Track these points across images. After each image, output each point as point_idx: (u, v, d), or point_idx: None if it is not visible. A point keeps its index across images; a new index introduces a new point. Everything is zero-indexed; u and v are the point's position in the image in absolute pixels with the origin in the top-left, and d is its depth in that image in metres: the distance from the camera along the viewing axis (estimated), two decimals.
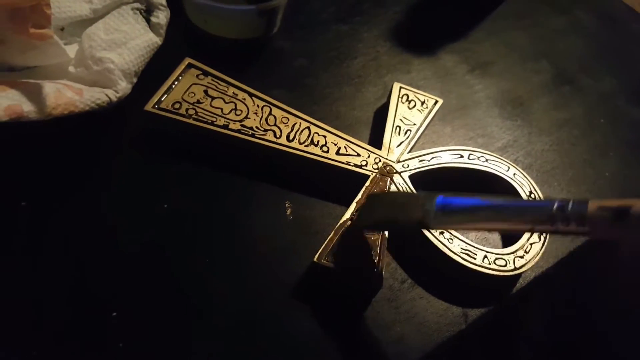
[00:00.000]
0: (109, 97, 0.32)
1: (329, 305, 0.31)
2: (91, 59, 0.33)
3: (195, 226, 0.32)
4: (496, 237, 0.36)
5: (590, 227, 0.23)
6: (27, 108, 0.27)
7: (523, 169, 0.37)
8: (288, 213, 0.34)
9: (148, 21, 0.35)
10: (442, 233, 0.32)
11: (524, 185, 0.36)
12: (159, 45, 0.36)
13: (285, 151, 0.34)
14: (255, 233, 0.33)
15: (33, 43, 0.31)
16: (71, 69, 0.33)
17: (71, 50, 0.34)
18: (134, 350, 0.27)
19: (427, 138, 0.40)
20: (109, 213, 0.32)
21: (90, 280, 0.29)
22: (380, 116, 0.39)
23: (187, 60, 0.36)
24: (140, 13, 0.35)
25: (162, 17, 0.36)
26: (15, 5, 0.28)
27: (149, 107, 0.34)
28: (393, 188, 0.34)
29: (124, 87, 0.33)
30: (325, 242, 0.31)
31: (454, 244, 0.32)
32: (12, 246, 0.29)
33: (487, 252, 0.32)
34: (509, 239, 0.35)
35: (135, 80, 0.34)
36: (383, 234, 0.32)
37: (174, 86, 0.35)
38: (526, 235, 0.34)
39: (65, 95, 0.29)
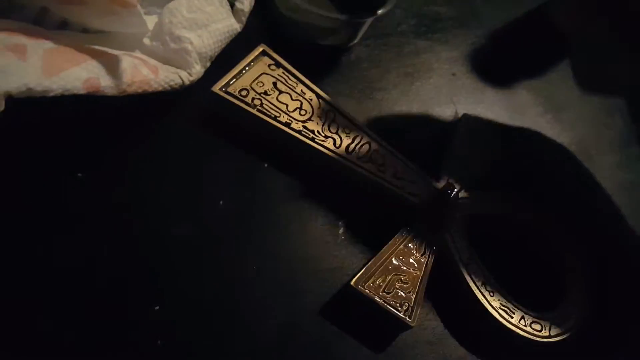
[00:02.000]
0: (182, 80, 0.31)
1: (360, 331, 0.30)
2: (169, 35, 0.32)
3: (248, 230, 0.32)
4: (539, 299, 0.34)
5: None
6: (104, 83, 0.26)
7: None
8: (340, 232, 0.33)
9: (232, 5, 0.35)
10: (484, 284, 0.31)
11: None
12: (238, 32, 0.35)
13: (341, 162, 0.34)
14: (305, 248, 0.32)
15: (114, 8, 0.30)
16: (146, 41, 0.33)
17: (149, 21, 0.33)
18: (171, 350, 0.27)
19: None
20: (159, 197, 0.31)
21: (130, 266, 0.29)
22: (444, 144, 0.38)
23: (262, 47, 0.36)
24: None
25: (246, 4, 0.35)
26: None
27: (216, 88, 0.33)
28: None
29: (198, 70, 0.32)
30: (364, 269, 0.30)
31: (494, 298, 0.31)
32: (62, 216, 0.29)
33: (525, 313, 0.31)
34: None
35: (208, 64, 0.34)
36: (425, 273, 0.31)
37: (244, 72, 0.35)
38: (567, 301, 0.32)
39: (141, 72, 0.29)
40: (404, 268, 0.31)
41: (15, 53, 0.24)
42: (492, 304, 0.31)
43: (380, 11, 0.37)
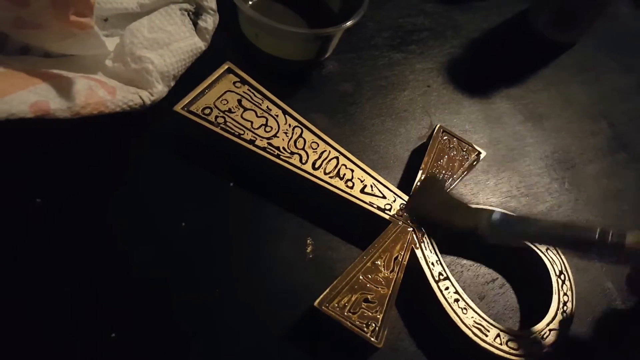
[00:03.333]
0: (143, 100, 0.31)
1: (328, 354, 0.29)
2: (130, 56, 0.32)
3: (211, 251, 0.31)
4: (517, 315, 0.33)
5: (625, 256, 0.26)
6: (54, 105, 0.26)
7: None
8: (308, 251, 0.32)
9: (195, 24, 0.34)
10: (457, 301, 0.30)
11: (555, 262, 0.33)
12: (203, 51, 0.35)
13: (307, 179, 0.33)
14: (272, 268, 0.31)
15: (72, 31, 0.30)
16: (108, 62, 0.33)
17: (111, 43, 0.33)
18: None
19: (467, 188, 0.38)
20: (120, 220, 0.30)
21: (92, 292, 0.28)
22: (419, 157, 0.37)
23: (227, 65, 0.35)
24: (188, 15, 0.34)
25: (210, 22, 0.34)
26: None
27: (178, 107, 0.33)
28: (409, 238, 0.32)
29: (159, 90, 0.32)
30: (329, 289, 0.29)
31: (467, 315, 0.30)
32: (20, 242, 0.29)
33: (500, 330, 0.30)
34: (529, 319, 0.32)
35: (172, 84, 0.33)
36: (393, 290, 0.30)
37: (207, 90, 0.34)
38: (546, 320, 0.31)
39: (96, 94, 0.28)
40: (371, 286, 0.30)
41: None
42: (465, 321, 0.30)
43: (347, 24, 0.36)
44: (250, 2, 0.41)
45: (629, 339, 0.34)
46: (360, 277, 0.30)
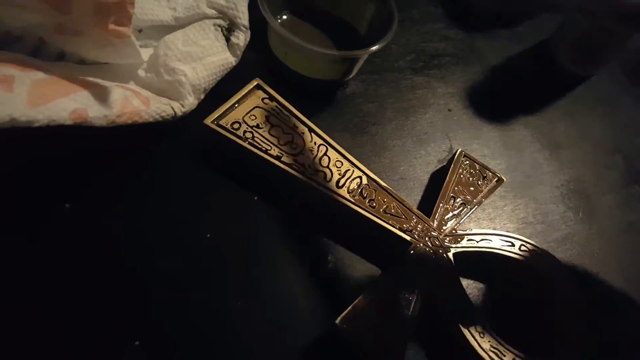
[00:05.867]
0: (174, 111, 0.31)
1: None
2: (164, 67, 0.32)
3: (233, 263, 0.31)
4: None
5: None
6: (92, 113, 0.27)
7: (575, 269, 0.35)
8: (329, 268, 0.32)
9: (227, 40, 0.35)
10: (472, 325, 0.30)
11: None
12: (233, 66, 0.35)
13: (331, 196, 0.33)
14: (292, 284, 0.31)
15: (110, 39, 0.30)
16: (141, 72, 0.33)
17: (145, 53, 0.34)
18: None
19: (484, 212, 0.38)
20: (147, 229, 0.31)
21: (115, 299, 0.28)
22: (439, 180, 0.38)
23: (256, 81, 0.36)
24: (222, 30, 0.35)
25: (242, 38, 0.35)
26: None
27: (208, 121, 0.34)
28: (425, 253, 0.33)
29: (190, 102, 0.32)
30: (350, 307, 0.29)
31: (484, 339, 0.30)
32: (46, 245, 0.29)
33: (516, 355, 0.30)
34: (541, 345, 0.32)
35: (202, 96, 0.34)
36: (413, 313, 0.30)
37: (237, 105, 0.35)
38: None
39: (131, 103, 0.29)
40: (392, 308, 0.30)
41: (2, 84, 0.24)
42: (482, 345, 0.30)
43: (374, 47, 0.37)
44: (279, 20, 0.42)
45: None
46: (382, 298, 0.30)
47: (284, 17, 0.42)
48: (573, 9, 0.47)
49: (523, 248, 0.34)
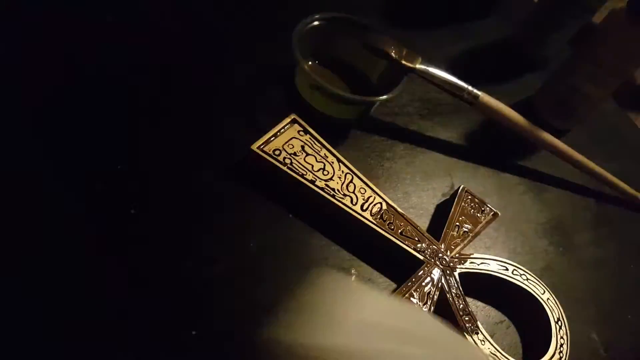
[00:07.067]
0: None
1: None
2: None
3: (270, 271, 0.36)
4: (519, 352, 0.39)
5: None
6: None
7: (556, 294, 0.41)
8: (353, 279, 0.38)
9: None
10: (476, 333, 0.36)
11: (554, 310, 0.40)
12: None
13: (356, 218, 0.39)
14: (319, 291, 0.36)
15: None
16: None
17: None
18: None
19: (481, 242, 0.44)
20: (199, 237, 0.36)
21: (164, 300, 0.33)
22: (442, 210, 0.44)
23: (293, 116, 0.42)
24: None
25: None
26: None
27: (254, 146, 0.39)
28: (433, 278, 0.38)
29: None
30: None
31: (485, 346, 0.36)
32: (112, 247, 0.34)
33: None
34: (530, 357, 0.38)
35: None
36: None
37: (278, 134, 0.40)
38: (546, 358, 0.37)
39: None
40: None
41: None
42: (483, 351, 0.35)
43: (386, 96, 0.43)
44: (306, 66, 0.48)
45: None
46: None
47: (309, 62, 0.48)
48: (554, 71, 0.55)
49: (515, 272, 0.40)
